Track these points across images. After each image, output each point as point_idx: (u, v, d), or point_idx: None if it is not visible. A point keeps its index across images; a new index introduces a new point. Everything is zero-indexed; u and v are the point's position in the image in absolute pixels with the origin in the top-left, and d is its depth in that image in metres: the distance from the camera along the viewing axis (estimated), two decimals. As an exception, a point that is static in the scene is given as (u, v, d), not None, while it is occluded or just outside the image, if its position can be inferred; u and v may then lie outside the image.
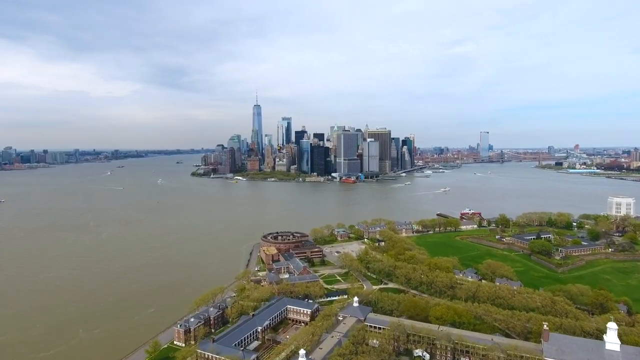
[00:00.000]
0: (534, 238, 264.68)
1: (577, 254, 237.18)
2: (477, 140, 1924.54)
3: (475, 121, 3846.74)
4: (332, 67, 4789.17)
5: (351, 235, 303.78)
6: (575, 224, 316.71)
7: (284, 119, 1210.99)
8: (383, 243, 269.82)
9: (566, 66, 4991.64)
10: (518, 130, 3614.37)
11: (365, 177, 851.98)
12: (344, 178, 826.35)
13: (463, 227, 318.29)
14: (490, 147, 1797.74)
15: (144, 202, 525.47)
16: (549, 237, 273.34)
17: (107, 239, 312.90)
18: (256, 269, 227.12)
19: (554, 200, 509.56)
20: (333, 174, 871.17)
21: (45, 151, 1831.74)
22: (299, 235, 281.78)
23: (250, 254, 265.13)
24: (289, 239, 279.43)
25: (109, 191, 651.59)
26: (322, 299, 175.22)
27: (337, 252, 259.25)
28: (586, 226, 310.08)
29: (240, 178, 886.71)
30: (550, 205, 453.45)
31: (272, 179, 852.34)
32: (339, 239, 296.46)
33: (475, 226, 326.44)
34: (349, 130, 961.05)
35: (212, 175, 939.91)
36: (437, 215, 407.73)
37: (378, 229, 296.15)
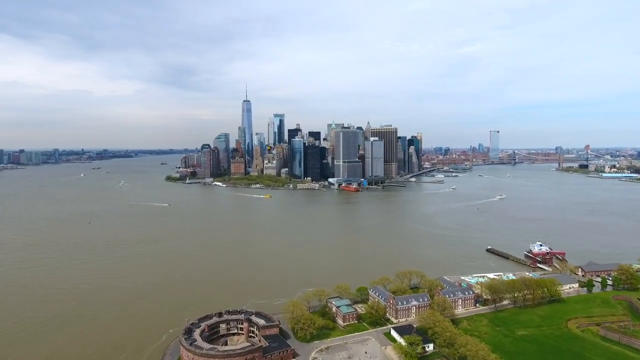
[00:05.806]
0: None
1: None
2: (480, 140, 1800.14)
3: (476, 121, 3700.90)
4: (340, 66, 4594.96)
5: (362, 312, 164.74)
6: None
7: (275, 115, 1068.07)
8: (432, 346, 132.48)
9: (574, 66, 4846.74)
10: (521, 130, 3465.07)
11: (368, 183, 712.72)
12: (343, 185, 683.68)
13: (563, 291, 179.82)
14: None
15: (77, 224, 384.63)
16: None
17: None
18: None
19: (633, 221, 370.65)
20: (330, 179, 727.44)
21: (21, 151, 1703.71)
22: (262, 322, 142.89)
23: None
24: (239, 332, 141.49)
25: (53, 201, 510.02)
26: None
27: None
28: None
29: (219, 184, 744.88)
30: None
31: (258, 185, 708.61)
32: (340, 323, 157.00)
33: (576, 286, 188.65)
34: (349, 128, 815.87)
35: (187, 180, 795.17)
36: (488, 251, 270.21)
37: (414, 303, 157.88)
